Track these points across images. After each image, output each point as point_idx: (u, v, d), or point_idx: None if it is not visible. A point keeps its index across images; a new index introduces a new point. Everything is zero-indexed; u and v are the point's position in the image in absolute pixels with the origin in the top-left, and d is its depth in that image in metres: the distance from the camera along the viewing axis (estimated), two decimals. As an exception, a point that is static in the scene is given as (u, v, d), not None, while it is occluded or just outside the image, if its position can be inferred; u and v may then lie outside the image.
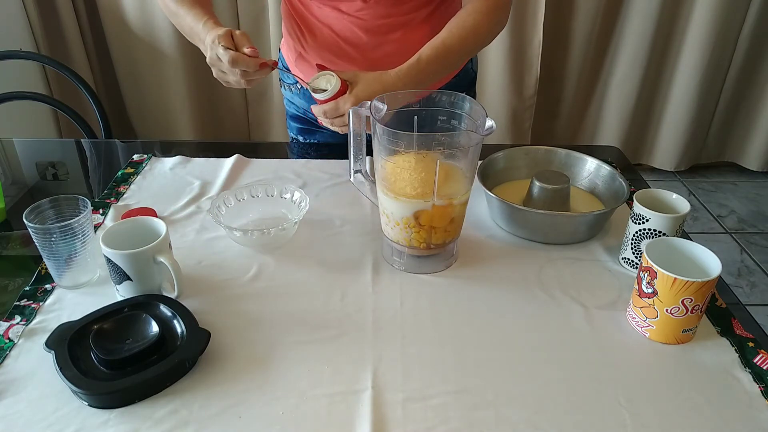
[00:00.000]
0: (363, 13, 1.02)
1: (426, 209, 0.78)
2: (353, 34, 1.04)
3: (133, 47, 2.33)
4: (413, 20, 1.04)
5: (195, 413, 0.62)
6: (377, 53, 1.05)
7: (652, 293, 0.71)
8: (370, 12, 1.02)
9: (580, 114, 2.63)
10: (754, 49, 2.43)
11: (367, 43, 1.04)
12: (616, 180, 0.96)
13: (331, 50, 1.07)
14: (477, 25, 0.97)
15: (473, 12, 0.98)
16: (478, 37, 0.99)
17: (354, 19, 1.03)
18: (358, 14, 1.02)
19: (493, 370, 0.68)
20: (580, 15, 2.34)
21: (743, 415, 0.64)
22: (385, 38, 1.04)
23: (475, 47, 1.02)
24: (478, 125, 0.77)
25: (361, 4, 1.01)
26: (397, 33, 1.04)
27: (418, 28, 1.05)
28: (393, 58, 1.03)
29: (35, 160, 1.19)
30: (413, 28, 1.04)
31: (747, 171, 2.73)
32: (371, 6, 1.01)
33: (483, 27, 0.98)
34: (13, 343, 0.71)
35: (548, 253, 0.88)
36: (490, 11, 0.99)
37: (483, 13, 0.98)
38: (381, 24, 1.03)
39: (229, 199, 0.92)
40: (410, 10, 1.03)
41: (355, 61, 1.06)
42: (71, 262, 0.78)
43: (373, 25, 1.03)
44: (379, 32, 1.04)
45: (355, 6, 1.01)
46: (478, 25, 0.98)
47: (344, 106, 0.89)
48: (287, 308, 0.77)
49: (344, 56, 1.06)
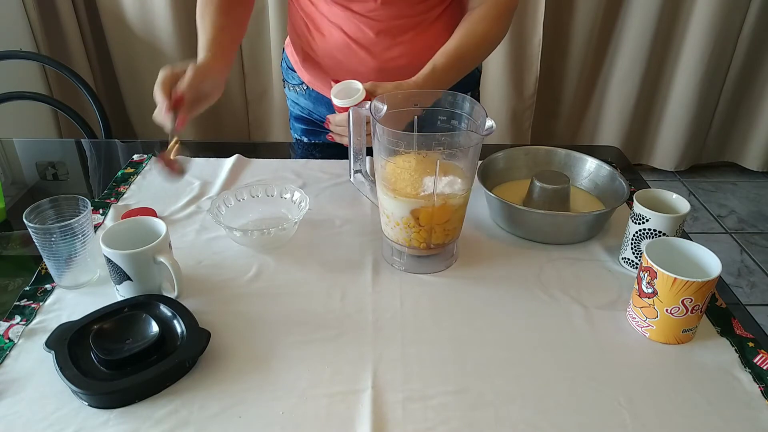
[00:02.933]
0: (375, 14, 1.01)
1: (426, 209, 0.78)
2: (364, 34, 1.03)
3: (133, 47, 2.33)
4: (424, 21, 1.04)
5: (195, 413, 0.62)
6: (387, 54, 1.05)
7: (652, 293, 0.71)
8: (382, 13, 1.01)
9: (580, 114, 2.63)
10: (754, 49, 2.43)
11: (377, 44, 1.04)
12: (616, 180, 0.96)
13: (340, 51, 1.06)
14: (487, 31, 0.99)
15: (483, 18, 0.99)
16: (488, 43, 1.01)
17: (365, 19, 1.02)
18: (370, 15, 1.01)
19: (493, 370, 0.68)
20: (580, 15, 2.34)
21: (743, 415, 0.63)
22: (395, 39, 1.04)
23: (486, 53, 1.04)
24: (478, 125, 0.77)
25: (374, 4, 1.00)
26: (408, 34, 1.04)
27: (428, 29, 1.05)
28: (403, 59, 1.03)
29: (35, 160, 1.19)
30: (424, 29, 1.04)
31: (747, 171, 2.73)
32: (384, 7, 1.00)
33: (492, 33, 1.01)
34: (13, 343, 0.71)
35: (548, 253, 0.88)
36: (499, 17, 1.00)
37: (493, 19, 0.99)
38: (393, 25, 1.03)
39: (229, 199, 0.92)
40: (422, 11, 1.03)
41: (365, 62, 1.06)
42: (71, 262, 0.78)
43: (384, 26, 1.02)
44: (391, 33, 1.03)
45: (368, 6, 1.00)
46: (488, 31, 1.00)
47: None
48: (287, 308, 0.77)
49: (354, 57, 1.06)
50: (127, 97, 2.48)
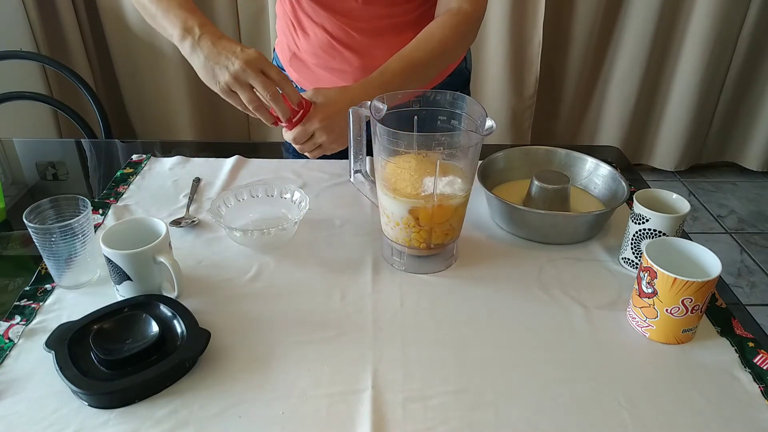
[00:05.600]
0: (357, 14, 1.02)
1: (426, 209, 0.78)
2: (346, 34, 1.04)
3: (133, 47, 2.33)
4: (408, 21, 1.04)
5: (195, 413, 0.62)
6: (372, 53, 1.05)
7: (652, 293, 0.71)
8: (364, 13, 1.02)
9: (580, 114, 2.63)
10: (754, 49, 2.43)
11: (360, 43, 1.04)
12: (616, 180, 0.96)
13: (324, 50, 1.07)
14: (444, 40, 0.96)
15: (441, 26, 0.96)
16: (445, 51, 0.97)
17: (347, 19, 1.03)
18: (352, 14, 1.02)
19: (493, 370, 0.68)
20: (580, 15, 2.35)
21: (743, 415, 0.63)
22: (379, 39, 1.04)
23: (443, 61, 1.00)
24: (478, 125, 0.77)
25: (355, 4, 1.01)
26: (391, 33, 1.04)
27: (412, 28, 1.04)
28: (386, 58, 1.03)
29: (35, 160, 1.19)
30: (408, 28, 1.04)
31: (747, 171, 2.73)
32: (366, 7, 1.01)
33: (450, 41, 0.97)
34: (13, 343, 0.71)
35: (548, 253, 0.88)
36: (458, 26, 0.97)
37: (451, 28, 0.96)
38: (375, 25, 1.03)
39: (229, 199, 0.92)
40: (405, 12, 1.03)
41: (349, 61, 1.06)
42: (71, 262, 0.78)
43: (367, 26, 1.03)
44: (374, 33, 1.04)
45: (349, 6, 1.01)
46: (446, 39, 0.96)
47: (311, 127, 0.90)
48: (287, 308, 0.77)
49: (338, 56, 1.07)
50: (127, 97, 2.48)
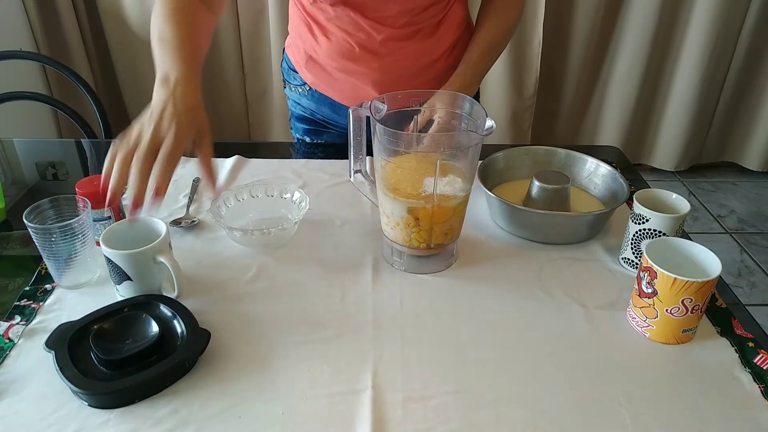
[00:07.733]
0: (389, 20, 1.01)
1: (426, 209, 0.78)
2: (370, 38, 1.02)
3: (133, 47, 2.33)
4: (431, 24, 1.04)
5: (195, 413, 0.62)
6: (392, 56, 1.04)
7: (652, 293, 0.71)
8: (396, 20, 1.01)
9: (580, 114, 2.63)
10: (754, 49, 2.43)
11: (382, 46, 1.03)
12: (616, 180, 0.96)
13: (344, 54, 1.05)
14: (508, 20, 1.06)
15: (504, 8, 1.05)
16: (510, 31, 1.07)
17: (376, 24, 1.01)
18: (383, 20, 1.01)
19: (493, 370, 0.68)
20: (580, 15, 2.34)
21: (743, 415, 0.63)
22: (401, 43, 1.03)
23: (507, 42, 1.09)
24: (478, 125, 0.77)
25: (389, 11, 0.99)
26: (414, 38, 1.04)
27: (434, 31, 1.05)
28: (407, 61, 1.03)
29: (35, 160, 1.19)
30: (430, 32, 1.04)
31: (747, 171, 2.73)
32: (399, 14, 1.00)
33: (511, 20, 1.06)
34: (13, 343, 0.71)
35: (548, 253, 0.88)
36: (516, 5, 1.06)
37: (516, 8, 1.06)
38: (401, 30, 1.02)
39: (229, 199, 0.92)
40: (431, 15, 1.03)
41: (368, 63, 1.05)
42: (71, 262, 0.78)
43: (393, 32, 1.02)
44: (398, 37, 1.03)
45: (383, 13, 1.00)
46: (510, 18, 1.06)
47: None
48: (287, 308, 0.77)
49: (358, 60, 1.05)
50: (127, 97, 2.48)
